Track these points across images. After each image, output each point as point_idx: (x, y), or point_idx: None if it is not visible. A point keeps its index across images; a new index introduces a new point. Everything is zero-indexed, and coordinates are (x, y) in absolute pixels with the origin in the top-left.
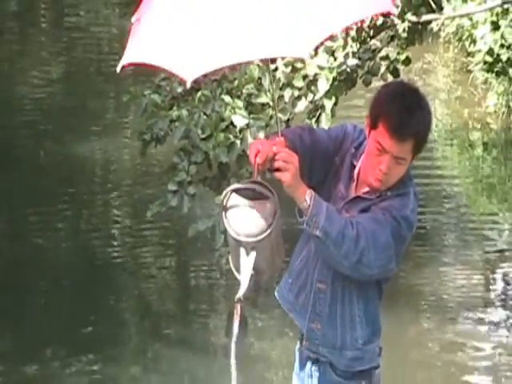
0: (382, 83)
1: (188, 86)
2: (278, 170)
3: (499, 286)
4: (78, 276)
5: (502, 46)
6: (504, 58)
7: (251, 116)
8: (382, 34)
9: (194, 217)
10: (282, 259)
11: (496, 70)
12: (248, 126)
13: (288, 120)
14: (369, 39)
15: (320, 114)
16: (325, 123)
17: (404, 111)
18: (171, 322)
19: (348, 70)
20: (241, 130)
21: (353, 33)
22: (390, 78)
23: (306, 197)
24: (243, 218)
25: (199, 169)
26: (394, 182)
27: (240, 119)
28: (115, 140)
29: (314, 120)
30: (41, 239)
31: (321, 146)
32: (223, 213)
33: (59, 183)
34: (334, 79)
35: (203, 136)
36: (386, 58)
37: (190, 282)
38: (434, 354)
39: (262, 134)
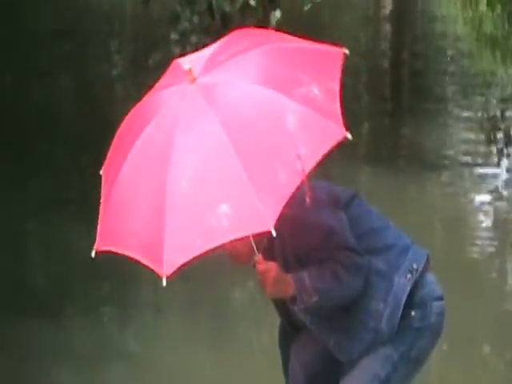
0: None
1: (164, 284)
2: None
3: (499, 142)
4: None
5: None
6: None
7: None
8: None
9: None
10: None
11: None
12: None
13: None
14: None
15: None
16: None
17: None
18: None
19: None
20: None
21: None
22: None
23: (292, 290)
24: None
25: (202, 18)
26: None
27: None
28: None
29: None
30: (44, 80)
31: None
32: None
33: (62, 32)
34: None
35: None
36: None
37: None
38: (433, 211)
39: None
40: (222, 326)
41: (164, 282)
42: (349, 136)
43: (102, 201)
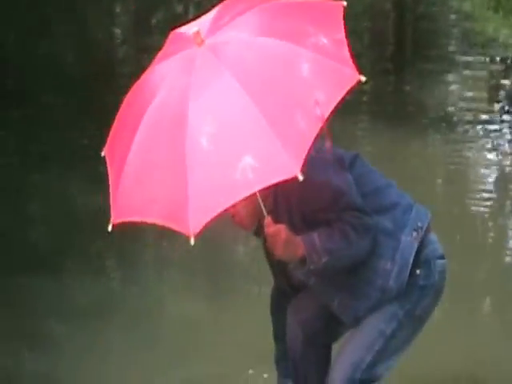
0: None
1: (192, 243)
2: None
3: (502, 98)
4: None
5: None
6: None
7: None
8: None
9: None
10: None
11: None
12: None
13: None
14: None
15: None
16: None
17: None
18: None
19: None
20: None
21: None
22: None
23: (301, 252)
24: None
25: None
26: None
27: None
28: None
29: None
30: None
31: None
32: None
33: None
34: None
35: None
36: None
37: None
38: (434, 166)
39: None
40: (222, 279)
41: (192, 241)
42: (363, 78)
43: (111, 178)
